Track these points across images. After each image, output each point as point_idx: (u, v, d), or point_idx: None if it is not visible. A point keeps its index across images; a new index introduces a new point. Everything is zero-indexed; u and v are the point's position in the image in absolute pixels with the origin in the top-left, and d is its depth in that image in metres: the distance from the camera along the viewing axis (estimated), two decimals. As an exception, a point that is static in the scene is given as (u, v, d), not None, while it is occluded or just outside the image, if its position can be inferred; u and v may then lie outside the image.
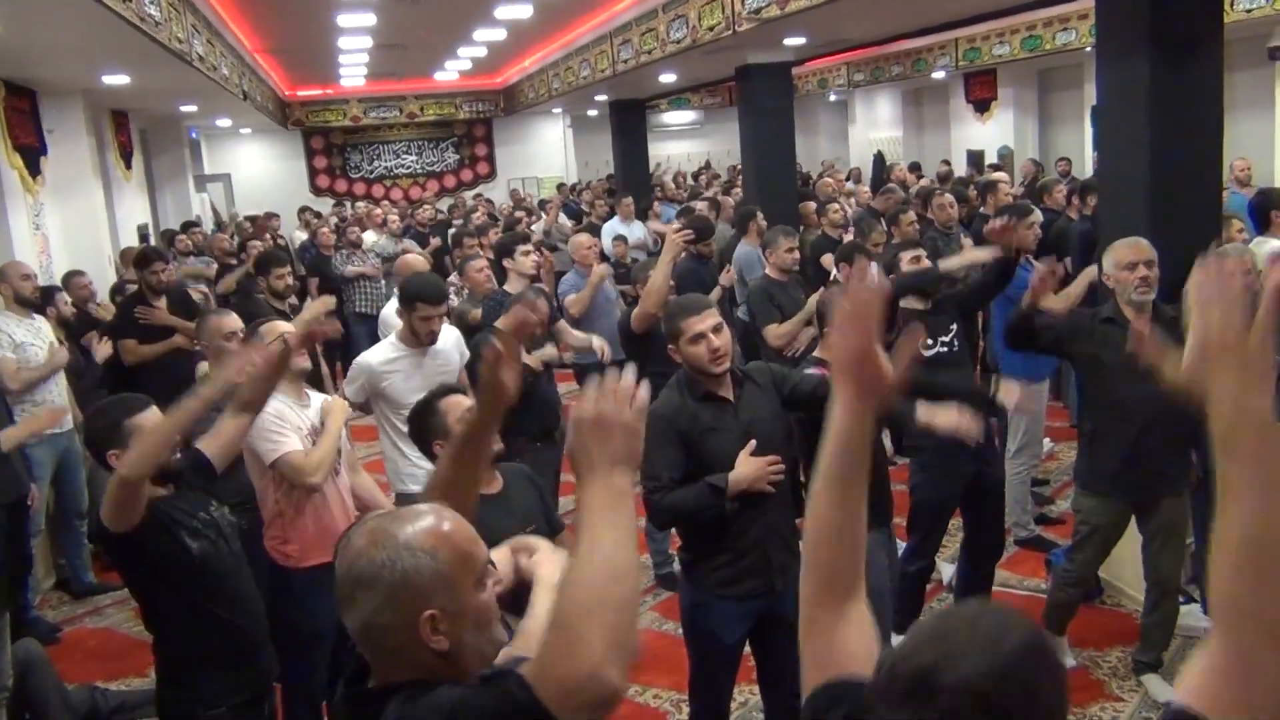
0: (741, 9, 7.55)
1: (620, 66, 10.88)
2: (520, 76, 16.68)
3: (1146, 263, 3.92)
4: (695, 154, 21.51)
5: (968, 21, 11.01)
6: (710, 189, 13.58)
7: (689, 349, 3.30)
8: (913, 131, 18.95)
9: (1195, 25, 4.78)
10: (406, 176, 19.85)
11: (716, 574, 3.32)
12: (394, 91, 18.51)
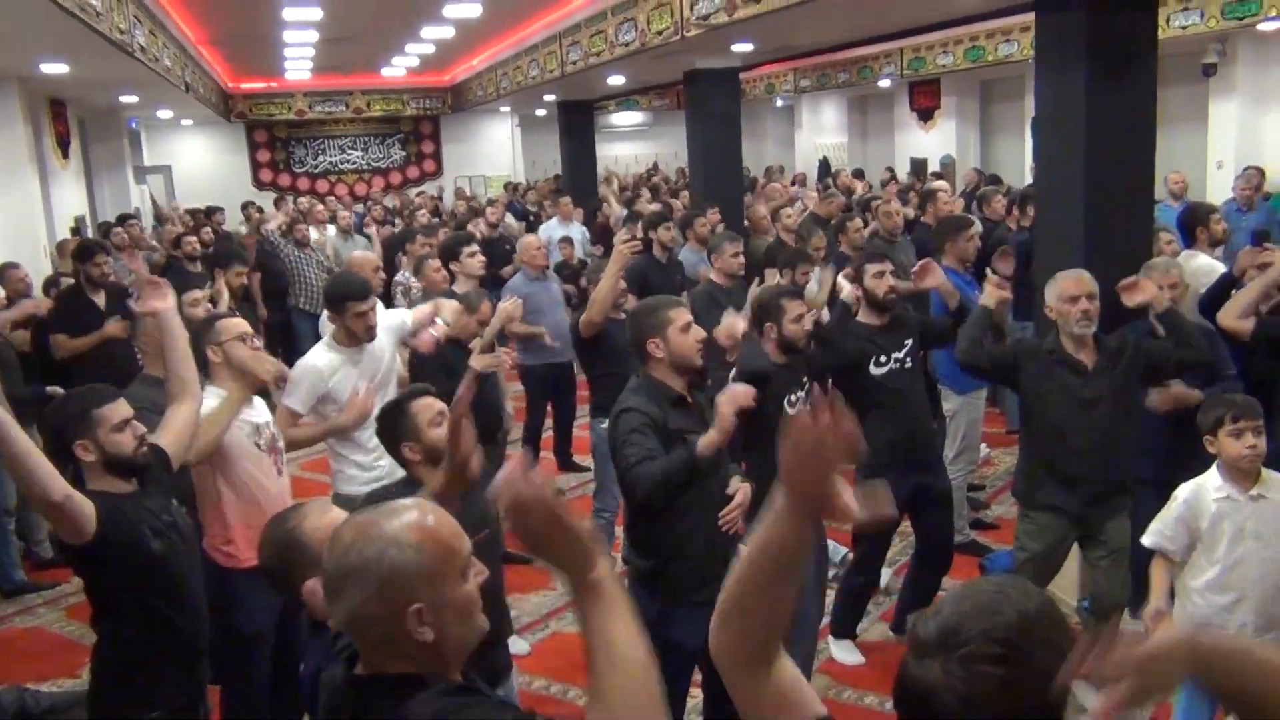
0: (690, 15, 7.60)
1: (569, 68, 10.88)
2: (469, 74, 16.61)
3: (1088, 296, 3.93)
4: (643, 155, 21.57)
5: (913, 31, 11.18)
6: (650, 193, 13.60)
7: (679, 338, 3.33)
8: (858, 138, 19.16)
9: (1131, 42, 4.91)
10: (352, 172, 19.68)
11: (680, 581, 3.34)
12: (340, 86, 18.33)
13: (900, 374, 4.42)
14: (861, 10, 7.09)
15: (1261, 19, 9.31)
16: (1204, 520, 3.22)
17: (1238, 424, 3.15)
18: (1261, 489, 3.20)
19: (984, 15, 9.44)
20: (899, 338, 4.46)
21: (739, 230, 8.33)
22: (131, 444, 2.92)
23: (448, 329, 4.71)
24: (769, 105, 20.62)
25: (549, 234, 10.10)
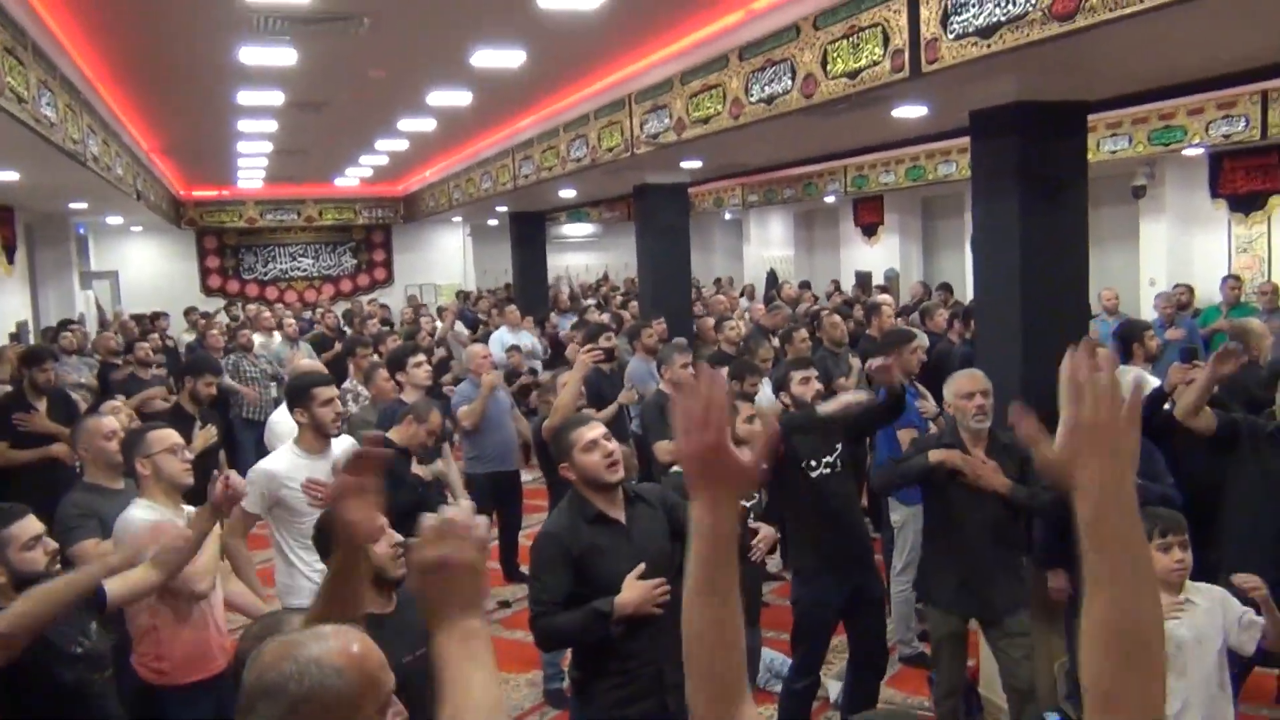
0: (640, 133, 7.81)
1: (521, 181, 11.08)
2: (421, 185, 16.83)
3: (982, 392, 4.22)
4: (593, 265, 21.85)
5: (855, 151, 11.55)
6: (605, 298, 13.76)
7: (583, 458, 3.32)
8: (804, 251, 19.57)
9: (1061, 167, 5.14)
10: (302, 280, 19.68)
11: (610, 695, 3.28)
12: (292, 195, 18.47)
13: (832, 478, 4.50)
14: (804, 133, 7.33)
15: (1186, 145, 9.75)
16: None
17: (1165, 539, 3.24)
18: (1188, 595, 3.31)
19: (923, 138, 9.80)
20: (830, 441, 4.54)
21: (689, 339, 8.44)
22: (43, 561, 2.85)
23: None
24: (717, 218, 21.05)
25: (498, 342, 10.15)
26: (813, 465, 4.45)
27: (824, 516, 4.40)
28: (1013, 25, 4.15)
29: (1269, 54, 5.25)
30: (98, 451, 3.93)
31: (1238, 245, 11.03)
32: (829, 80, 5.42)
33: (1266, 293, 9.52)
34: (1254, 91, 8.81)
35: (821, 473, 4.47)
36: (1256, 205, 10.81)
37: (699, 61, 6.81)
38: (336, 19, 6.03)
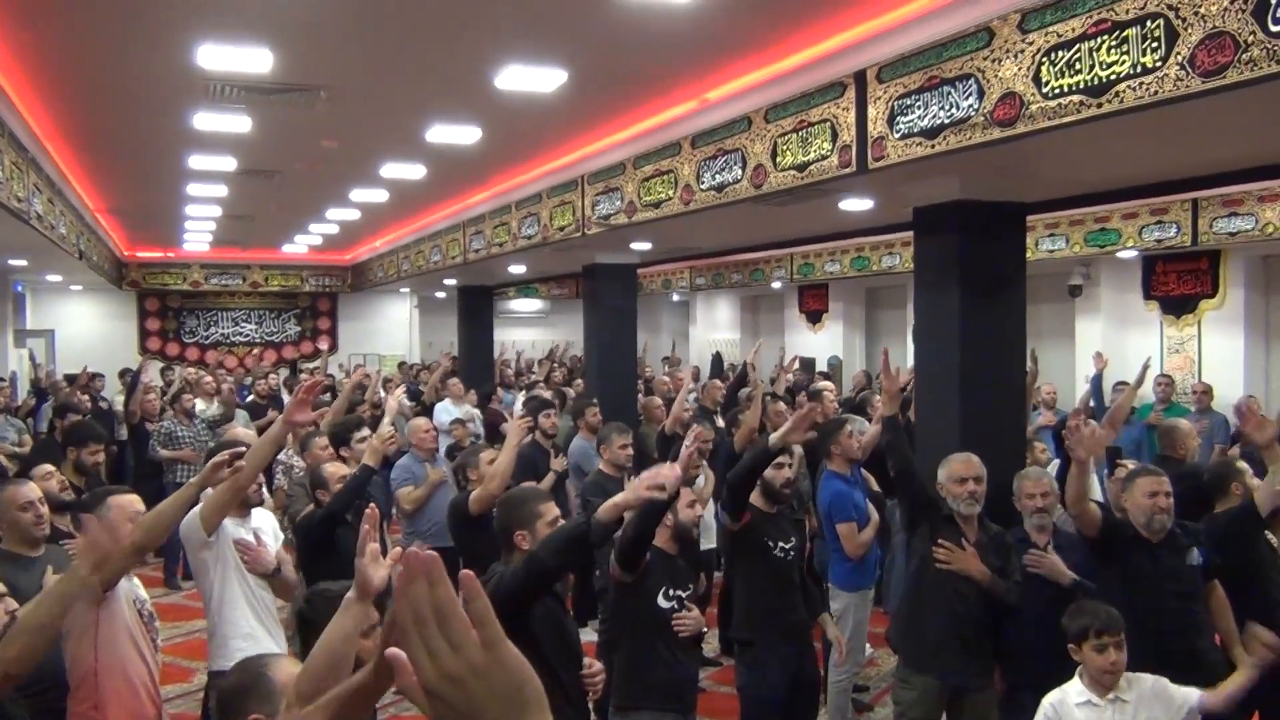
0: (591, 214, 7.90)
1: (471, 255, 11.12)
2: (370, 255, 16.81)
3: (975, 478, 4.37)
4: (540, 341, 21.83)
5: (803, 240, 11.76)
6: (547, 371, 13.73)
7: (546, 532, 3.41)
8: (749, 335, 19.76)
9: (1001, 265, 5.29)
10: (244, 345, 19.45)
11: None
12: (238, 259, 18.34)
13: (786, 563, 4.63)
14: (753, 221, 7.46)
15: (1120, 248, 10.07)
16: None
17: (1101, 639, 3.30)
18: (1119, 693, 3.35)
19: (869, 230, 10.01)
20: (788, 531, 4.68)
21: (632, 419, 8.44)
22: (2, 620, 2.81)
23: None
24: (665, 299, 21.23)
25: (441, 415, 10.07)
26: (777, 545, 4.58)
27: (780, 596, 4.51)
28: (956, 128, 4.29)
29: (1197, 166, 5.47)
30: (11, 522, 3.86)
31: (1169, 346, 11.34)
32: (778, 171, 5.54)
33: (1198, 393, 9.79)
34: (1185, 199, 9.16)
35: (777, 554, 4.59)
36: (1187, 308, 11.15)
37: (652, 147, 6.93)
38: (294, 90, 6.07)
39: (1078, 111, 3.76)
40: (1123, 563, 4.25)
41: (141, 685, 3.60)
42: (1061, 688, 3.43)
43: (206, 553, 4.21)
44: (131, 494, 3.88)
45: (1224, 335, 10.83)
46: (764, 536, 4.52)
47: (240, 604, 4.26)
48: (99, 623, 3.47)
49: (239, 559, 4.26)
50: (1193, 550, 4.30)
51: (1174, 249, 9.94)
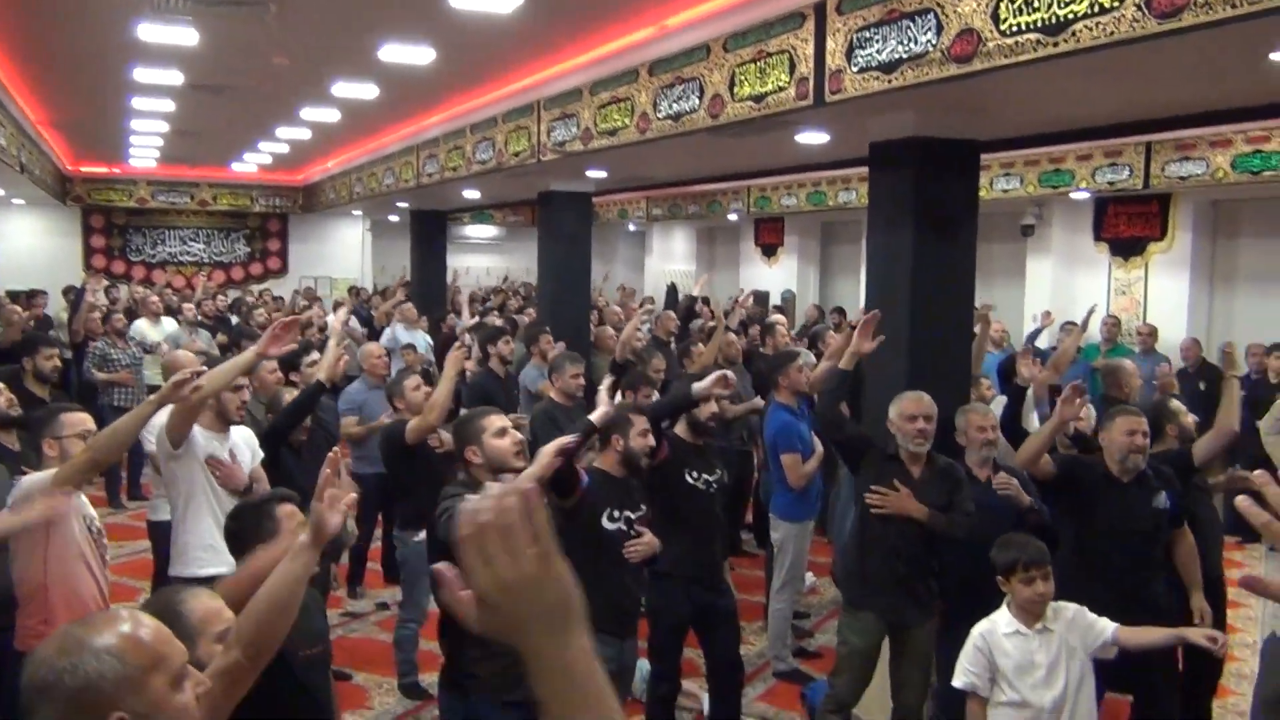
0: (547, 140, 7.80)
1: (424, 179, 10.97)
2: (322, 176, 16.52)
3: (925, 416, 4.39)
4: (495, 268, 21.69)
5: (759, 173, 11.73)
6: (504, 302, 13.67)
7: (494, 443, 3.50)
8: (705, 267, 19.76)
9: (954, 202, 5.30)
10: (192, 264, 19.11)
11: (493, 678, 3.33)
12: (186, 177, 17.93)
13: (706, 495, 4.66)
14: (709, 152, 7.42)
15: (1073, 189, 10.15)
16: (999, 655, 3.42)
17: (1029, 571, 3.39)
18: (1046, 622, 3.45)
19: (825, 165, 9.99)
20: (713, 463, 4.71)
21: (585, 349, 8.44)
22: None
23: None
24: (621, 229, 21.12)
25: (392, 340, 10.02)
26: (693, 475, 4.60)
27: (690, 528, 4.53)
28: (914, 63, 4.28)
29: (1151, 109, 5.51)
30: None
31: (1117, 288, 11.51)
32: (735, 102, 5.50)
33: (1143, 334, 9.97)
34: (1139, 142, 9.22)
35: (698, 486, 4.61)
36: (1136, 251, 11.30)
37: (609, 73, 6.84)
38: (242, 3, 5.89)
39: (1034, 50, 3.76)
40: (1088, 499, 4.32)
41: (91, 600, 3.65)
42: (990, 618, 3.53)
43: (174, 464, 4.28)
44: (82, 412, 3.92)
45: (1170, 278, 11.00)
46: (683, 468, 4.55)
47: (205, 516, 4.30)
48: (49, 539, 3.49)
49: (210, 474, 4.31)
50: (1161, 494, 4.37)
51: (1125, 191, 10.03)
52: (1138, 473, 4.37)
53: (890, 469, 4.40)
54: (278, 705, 2.75)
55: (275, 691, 2.71)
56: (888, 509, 4.36)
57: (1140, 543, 4.30)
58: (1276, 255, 10.53)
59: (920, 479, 4.39)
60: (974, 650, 3.49)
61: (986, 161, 10.44)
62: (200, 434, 4.30)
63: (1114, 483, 4.36)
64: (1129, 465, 4.34)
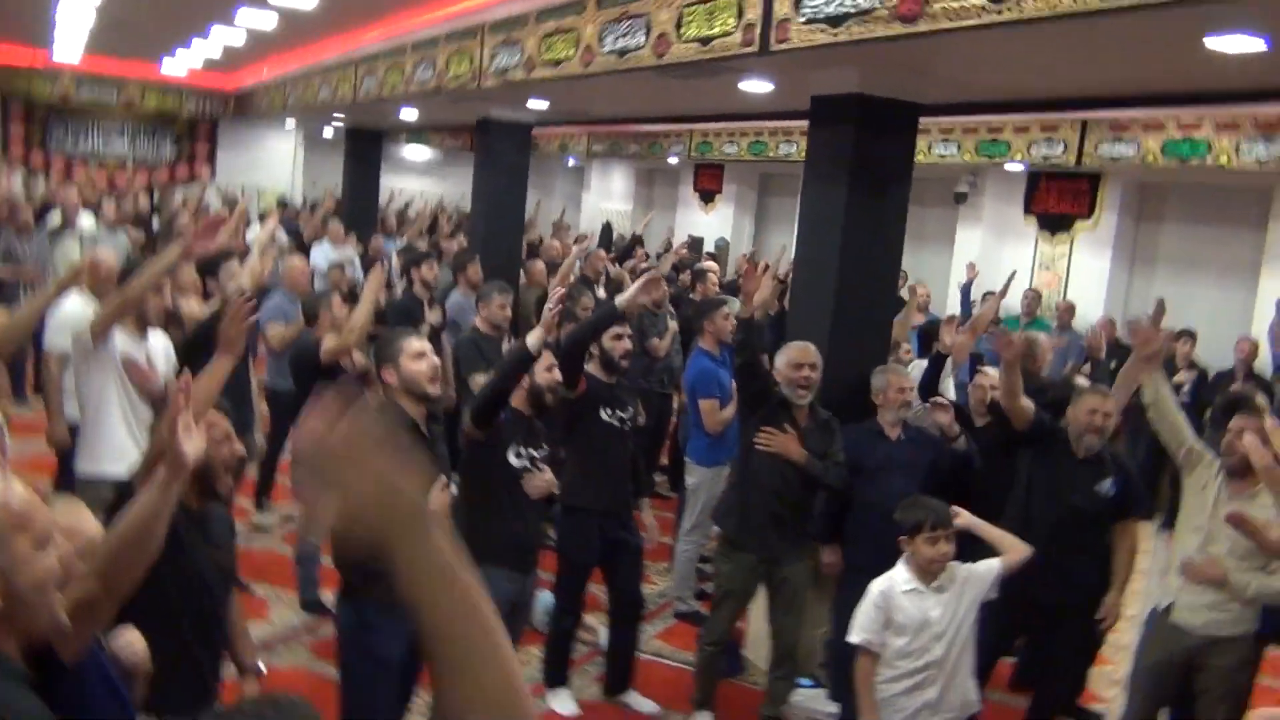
0: (489, 65, 7.65)
1: (361, 95, 10.70)
2: (256, 83, 16.01)
3: (810, 365, 4.54)
4: (430, 193, 21.32)
5: (702, 118, 11.67)
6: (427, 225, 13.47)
7: (410, 365, 3.48)
8: (643, 207, 19.68)
9: (890, 162, 5.34)
10: (115, 161, 18.46)
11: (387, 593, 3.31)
12: (113, 73, 17.24)
13: (621, 433, 4.72)
14: (653, 91, 7.35)
15: (1008, 160, 10.27)
16: (896, 612, 3.50)
17: (935, 532, 3.46)
18: (944, 580, 3.54)
19: (768, 115, 9.97)
20: (627, 402, 4.77)
21: (515, 280, 8.38)
22: None
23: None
24: (560, 163, 20.89)
25: (320, 257, 9.84)
26: (608, 413, 4.64)
27: (600, 464, 4.60)
28: (860, 19, 4.26)
29: (1091, 86, 5.58)
30: None
31: (1041, 262, 11.72)
32: (681, 43, 5.44)
33: (1061, 310, 10.19)
34: (1075, 119, 9.34)
35: (609, 423, 4.66)
36: (1063, 227, 11.50)
37: (557, 2, 6.71)
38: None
39: (978, 16, 3.77)
40: (1041, 463, 4.41)
41: None
42: (888, 575, 3.60)
43: (90, 360, 4.23)
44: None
45: (1093, 256, 11.23)
46: (598, 406, 4.61)
47: (114, 417, 4.26)
48: None
49: (125, 376, 4.25)
50: (1108, 480, 4.46)
51: (1058, 167, 10.18)
52: (1095, 453, 4.45)
53: (779, 414, 4.55)
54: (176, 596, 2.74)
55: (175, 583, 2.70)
56: (772, 448, 4.48)
57: (1075, 517, 4.37)
58: (1195, 241, 10.81)
59: (804, 427, 4.55)
60: (872, 607, 3.56)
61: (926, 126, 10.48)
62: (118, 334, 4.23)
63: (1069, 456, 4.45)
64: (1084, 443, 4.43)
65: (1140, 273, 11.33)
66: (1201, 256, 10.67)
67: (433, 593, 1.04)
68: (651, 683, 5.04)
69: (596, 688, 4.98)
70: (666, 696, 4.94)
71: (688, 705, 4.80)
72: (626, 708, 4.85)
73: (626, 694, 4.88)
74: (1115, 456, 4.57)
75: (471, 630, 1.05)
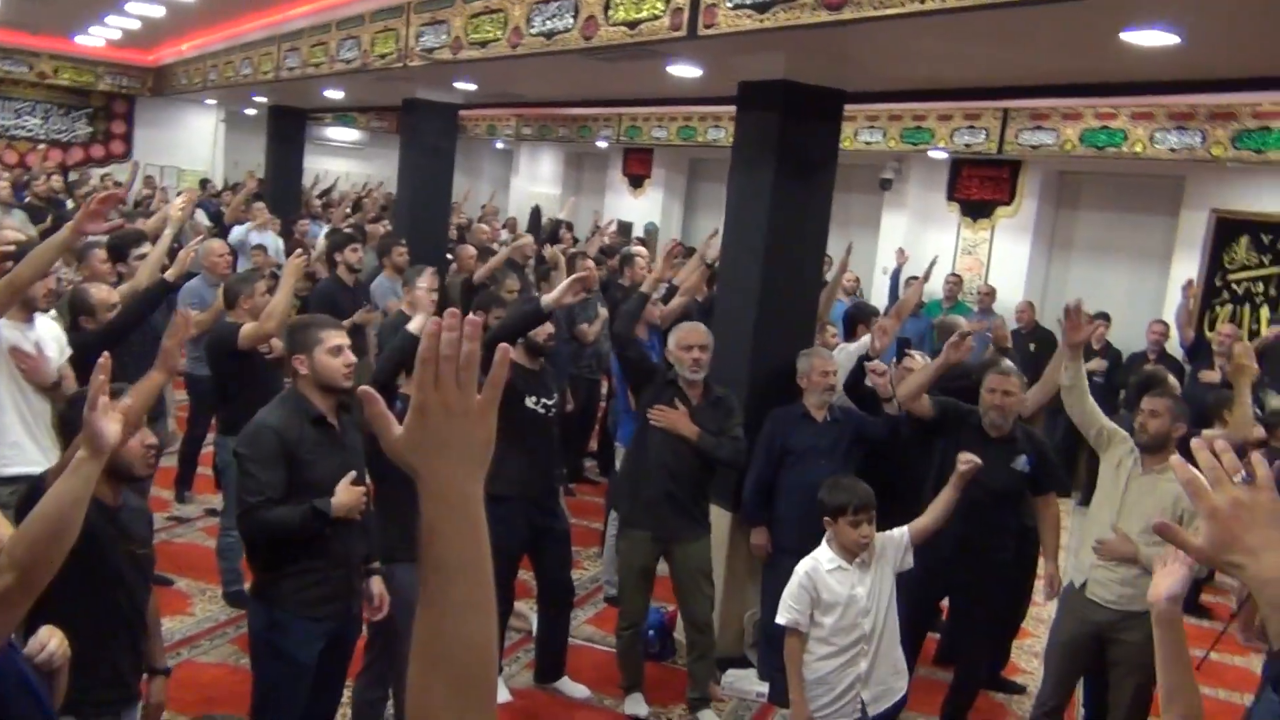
0: (415, 45, 7.55)
1: (284, 73, 10.49)
2: (175, 59, 15.60)
3: (700, 346, 4.61)
4: (356, 175, 21.01)
5: (631, 101, 11.64)
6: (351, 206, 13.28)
7: (325, 359, 3.40)
8: (571, 191, 19.60)
9: (815, 151, 5.39)
10: (25, 140, 17.88)
11: (300, 594, 3.36)
12: (25, 45, 16.67)
13: (545, 419, 4.70)
14: (581, 74, 7.31)
15: (931, 147, 10.42)
16: (822, 590, 3.56)
17: (857, 515, 3.52)
18: (865, 556, 3.61)
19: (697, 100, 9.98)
20: (550, 387, 4.75)
21: (441, 264, 8.30)
22: None
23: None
24: (488, 146, 20.72)
25: (241, 239, 9.64)
26: (532, 400, 4.63)
27: (525, 452, 4.55)
28: (786, 5, 4.29)
29: (1011, 75, 5.67)
30: None
31: (964, 247, 11.93)
32: (609, 26, 5.42)
33: (983, 294, 10.39)
34: (996, 108, 9.51)
35: (537, 411, 4.65)
36: (984, 213, 11.71)
37: (485, -18, 6.64)
38: None
39: (902, 4, 3.81)
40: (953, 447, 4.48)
41: None
42: (813, 555, 3.66)
43: None
44: None
45: (1014, 242, 11.46)
46: (523, 393, 4.58)
47: (8, 411, 4.06)
48: None
49: (14, 366, 4.05)
50: (1022, 457, 4.55)
51: (980, 155, 10.36)
52: (1006, 431, 4.54)
53: (670, 392, 4.63)
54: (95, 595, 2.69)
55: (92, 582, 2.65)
56: (664, 424, 4.56)
57: (992, 498, 4.42)
58: (1110, 228, 11.08)
59: (696, 406, 4.62)
60: (799, 588, 3.61)
61: (852, 113, 10.61)
62: (2, 324, 4.01)
63: (981, 437, 4.52)
64: (989, 421, 4.53)
65: (1058, 258, 11.59)
66: (1116, 242, 10.95)
67: (455, 526, 1.08)
68: (584, 668, 5.05)
69: (529, 674, 4.97)
70: (598, 681, 4.96)
71: (619, 690, 4.82)
72: (559, 693, 4.86)
73: (560, 680, 4.88)
74: (1029, 434, 4.68)
75: (475, 575, 1.08)
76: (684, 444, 4.58)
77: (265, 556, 3.41)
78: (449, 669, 1.06)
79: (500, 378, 1.11)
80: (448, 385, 1.08)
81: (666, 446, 4.60)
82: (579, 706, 4.80)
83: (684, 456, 4.60)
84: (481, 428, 1.11)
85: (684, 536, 4.66)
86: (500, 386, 1.11)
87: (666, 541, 4.67)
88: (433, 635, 1.07)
